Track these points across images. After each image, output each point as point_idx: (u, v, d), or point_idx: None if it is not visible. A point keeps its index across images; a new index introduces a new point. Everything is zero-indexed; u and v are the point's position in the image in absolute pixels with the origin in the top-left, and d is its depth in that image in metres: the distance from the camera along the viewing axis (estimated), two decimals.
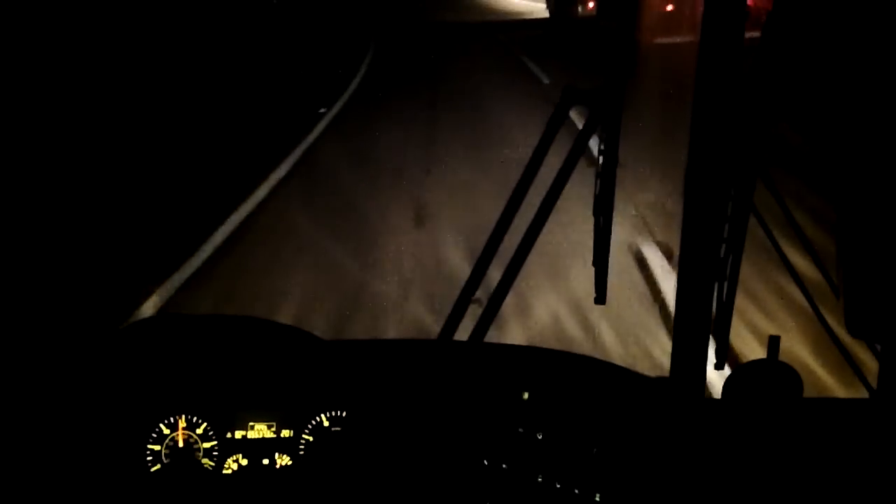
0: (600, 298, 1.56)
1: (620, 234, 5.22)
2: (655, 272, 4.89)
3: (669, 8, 14.28)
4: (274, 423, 1.44)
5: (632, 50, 1.46)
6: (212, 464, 1.44)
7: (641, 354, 3.90)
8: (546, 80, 12.11)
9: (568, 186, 1.52)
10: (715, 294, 1.44)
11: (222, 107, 10.09)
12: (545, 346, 1.61)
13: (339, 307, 4.52)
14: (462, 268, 4.75)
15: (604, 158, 1.49)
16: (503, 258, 1.54)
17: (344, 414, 1.45)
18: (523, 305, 4.34)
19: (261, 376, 1.47)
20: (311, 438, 1.44)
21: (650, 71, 8.31)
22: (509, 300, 1.57)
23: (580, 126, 1.48)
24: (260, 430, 1.44)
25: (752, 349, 3.46)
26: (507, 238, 1.56)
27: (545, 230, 1.53)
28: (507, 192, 1.57)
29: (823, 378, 3.33)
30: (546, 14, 21.42)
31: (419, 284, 4.84)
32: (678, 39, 11.19)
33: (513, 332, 4.07)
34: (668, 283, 4.67)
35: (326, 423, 1.44)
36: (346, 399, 1.45)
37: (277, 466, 1.44)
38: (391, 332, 4.19)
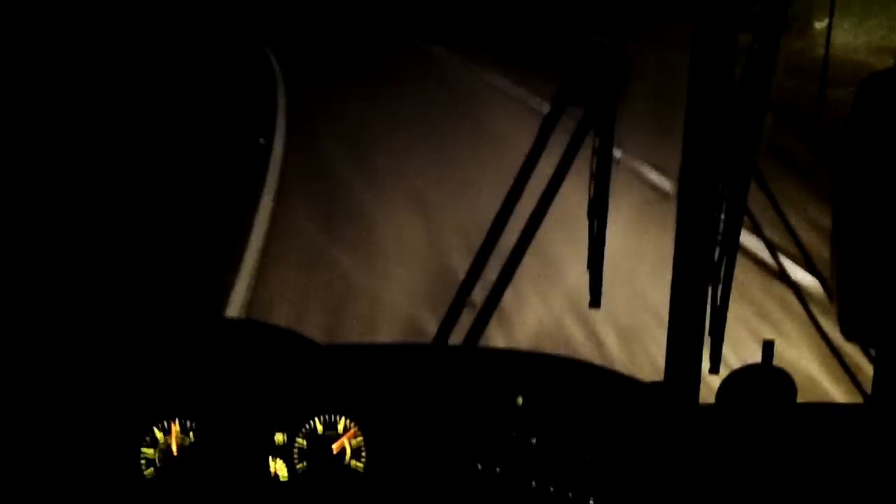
0: (595, 302, 1.55)
1: None
2: None
3: None
4: (268, 428, 1.44)
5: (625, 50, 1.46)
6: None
7: None
8: None
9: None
10: (709, 298, 1.43)
11: None
12: None
13: None
14: None
15: (598, 159, 1.48)
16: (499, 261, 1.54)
17: (338, 418, 1.44)
18: None
19: (255, 380, 1.46)
20: (304, 443, 1.44)
21: None
22: None
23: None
24: None
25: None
26: (502, 240, 1.56)
27: None
28: None
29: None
30: None
31: None
32: None
33: None
34: None
35: (320, 428, 1.44)
36: (340, 403, 1.45)
37: (271, 471, 1.44)
38: None
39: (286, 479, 1.44)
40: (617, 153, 1.47)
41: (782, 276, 1.56)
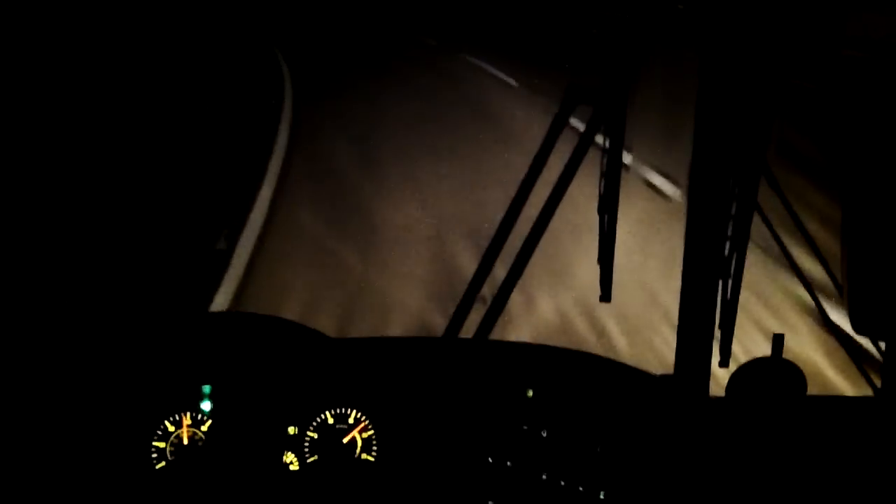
0: (606, 296, 1.56)
1: None
2: None
3: None
4: (279, 421, 1.45)
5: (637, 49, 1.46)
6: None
7: None
8: None
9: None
10: (719, 292, 1.44)
11: None
12: None
13: None
14: None
15: (608, 157, 1.49)
16: (508, 256, 1.55)
17: (349, 411, 1.45)
18: None
19: (266, 374, 1.47)
20: (315, 436, 1.45)
21: None
22: None
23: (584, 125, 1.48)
24: None
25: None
26: (511, 237, 1.57)
27: None
28: None
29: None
30: None
31: None
32: None
33: None
34: None
35: (331, 421, 1.45)
36: (350, 396, 1.46)
37: (282, 463, 1.45)
38: None
39: (297, 471, 1.45)
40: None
41: (794, 270, 1.56)
